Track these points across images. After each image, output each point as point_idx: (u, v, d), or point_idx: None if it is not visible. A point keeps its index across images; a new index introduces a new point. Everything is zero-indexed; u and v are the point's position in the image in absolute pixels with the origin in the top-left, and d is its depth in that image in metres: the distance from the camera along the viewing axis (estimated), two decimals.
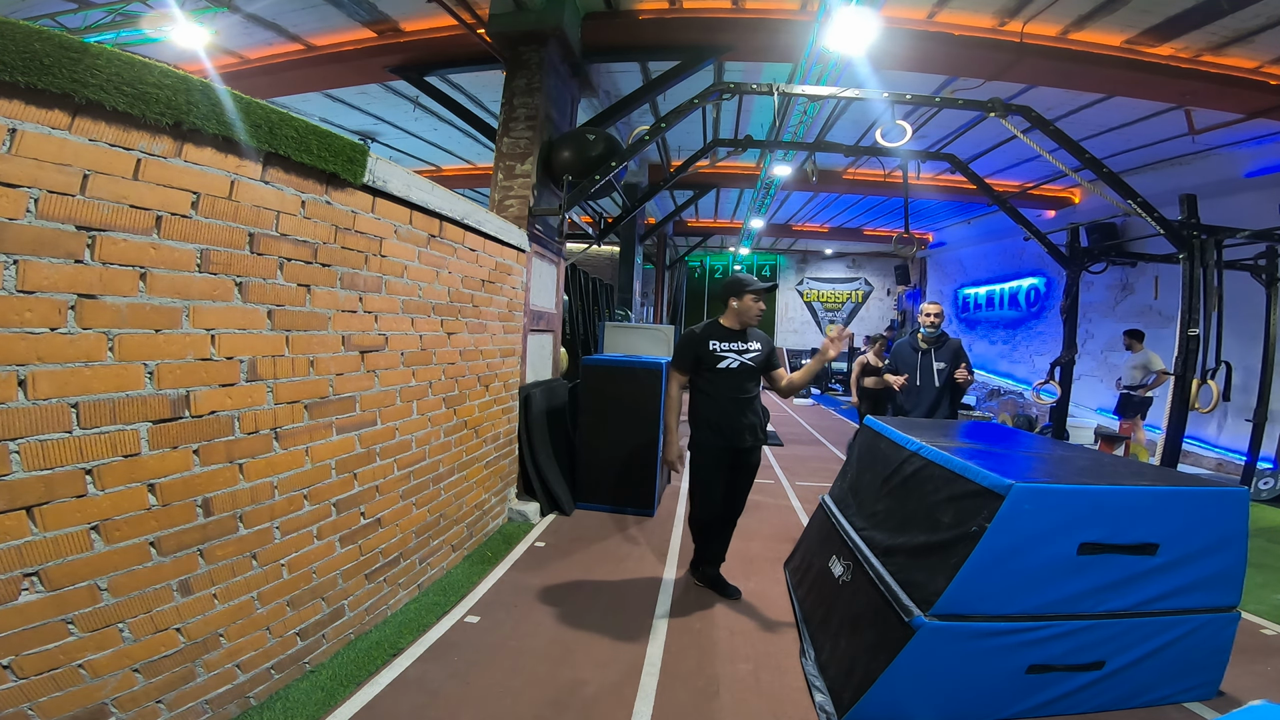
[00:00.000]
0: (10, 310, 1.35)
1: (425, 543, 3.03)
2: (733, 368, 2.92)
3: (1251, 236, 4.82)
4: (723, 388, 2.93)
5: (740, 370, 2.93)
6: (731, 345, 2.93)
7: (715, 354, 2.91)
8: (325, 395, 2.28)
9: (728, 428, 2.93)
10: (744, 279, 2.95)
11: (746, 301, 2.92)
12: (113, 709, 1.59)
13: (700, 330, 2.99)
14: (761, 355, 2.99)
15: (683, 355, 2.96)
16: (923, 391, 4.24)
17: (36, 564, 1.41)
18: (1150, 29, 4.68)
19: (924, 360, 4.26)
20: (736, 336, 2.96)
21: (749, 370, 2.96)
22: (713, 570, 3.19)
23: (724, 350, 2.92)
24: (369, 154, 2.37)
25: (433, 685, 2.24)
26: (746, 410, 2.97)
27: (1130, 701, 2.20)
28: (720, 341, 2.93)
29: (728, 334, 2.97)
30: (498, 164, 4.62)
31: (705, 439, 2.96)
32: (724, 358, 2.91)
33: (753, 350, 2.96)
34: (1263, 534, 4.41)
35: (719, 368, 2.91)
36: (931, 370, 4.22)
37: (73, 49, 1.41)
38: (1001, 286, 12.60)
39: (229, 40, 5.55)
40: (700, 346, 2.93)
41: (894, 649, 2.04)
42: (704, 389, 2.96)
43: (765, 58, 5.38)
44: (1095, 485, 2.09)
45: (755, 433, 3.00)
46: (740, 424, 2.94)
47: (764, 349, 3.01)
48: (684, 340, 3.00)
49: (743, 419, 2.94)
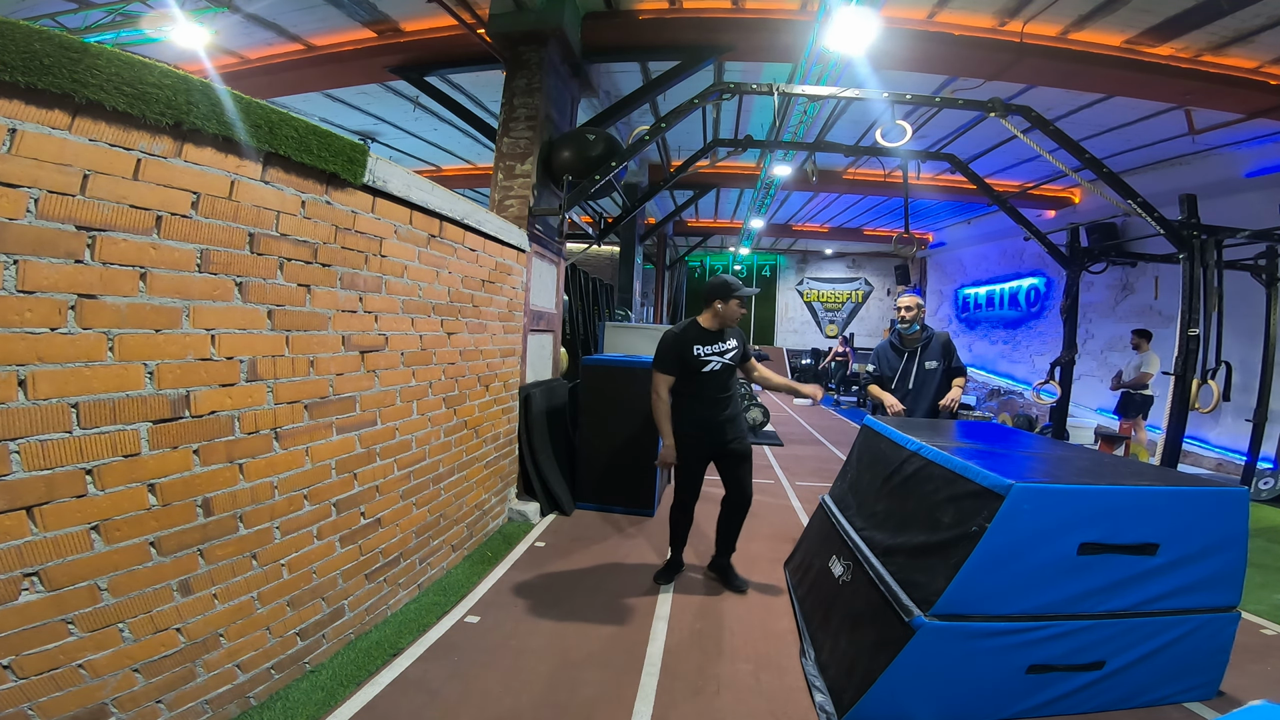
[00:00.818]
0: (10, 310, 1.35)
1: (425, 543, 3.03)
2: (715, 369, 2.98)
3: (1251, 236, 4.82)
4: (706, 389, 2.99)
5: (722, 371, 3.00)
6: (713, 348, 2.99)
7: (700, 358, 2.95)
8: (325, 395, 2.28)
9: (712, 426, 3.02)
10: (731, 282, 2.98)
11: (732, 306, 2.98)
12: (113, 709, 1.59)
13: (681, 332, 2.99)
14: (738, 352, 3.07)
15: (667, 358, 2.97)
16: (919, 397, 3.84)
17: (36, 564, 1.41)
18: (1150, 29, 4.68)
19: (911, 363, 3.87)
20: (715, 338, 3.01)
21: (729, 369, 3.03)
22: (723, 560, 3.25)
23: (707, 354, 2.96)
24: (369, 154, 2.37)
25: (433, 685, 2.24)
26: (728, 407, 3.06)
27: (1130, 702, 2.19)
28: (702, 345, 2.97)
29: (707, 335, 3.00)
30: (498, 164, 4.62)
31: (688, 437, 3.00)
32: (707, 361, 2.96)
33: (730, 349, 3.03)
34: (1263, 534, 4.41)
35: (703, 372, 2.96)
36: (924, 372, 3.84)
37: (73, 49, 1.41)
38: (1001, 286, 12.60)
39: (229, 40, 5.55)
40: (684, 350, 2.95)
41: (894, 649, 2.04)
42: (686, 391, 2.98)
43: (765, 58, 5.38)
44: (1095, 485, 2.09)
45: (737, 425, 3.09)
46: (721, 419, 3.03)
47: (739, 344, 3.09)
48: (667, 342, 2.99)
49: (724, 414, 3.04)
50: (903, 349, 3.96)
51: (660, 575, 3.25)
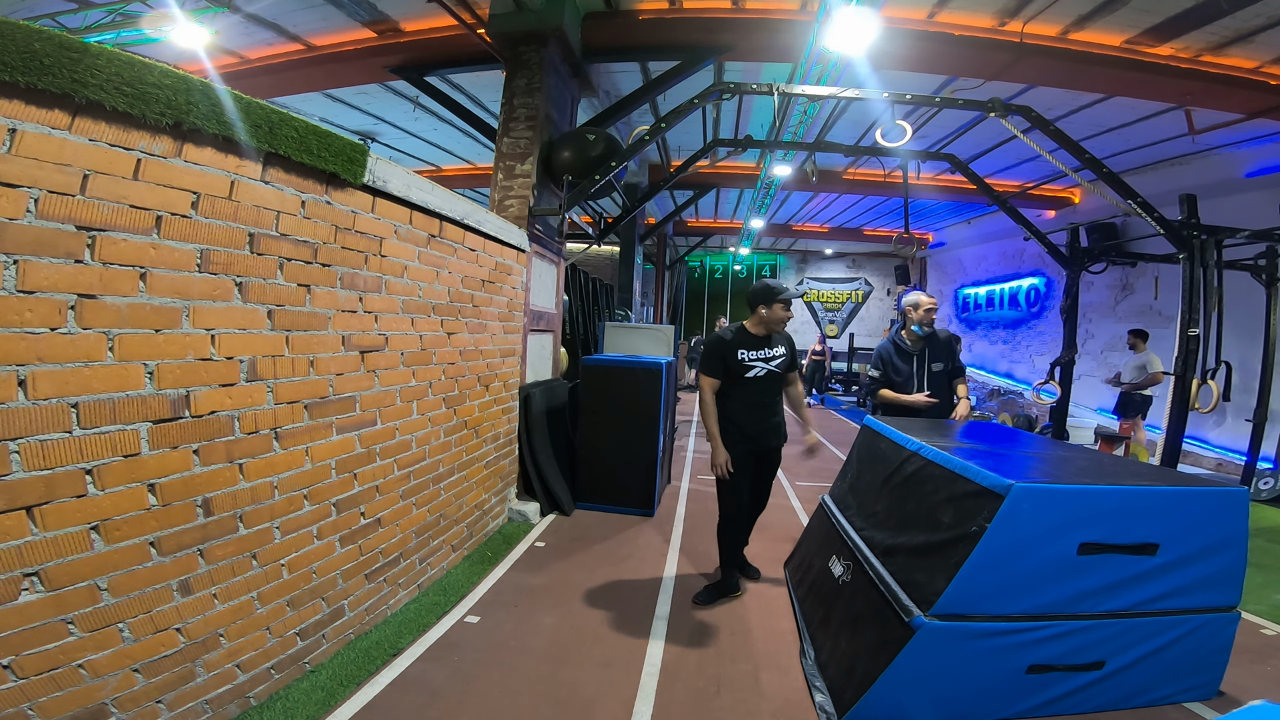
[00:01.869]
0: (10, 310, 1.35)
1: (425, 543, 3.03)
2: (760, 375, 2.94)
3: (1251, 236, 4.82)
4: (750, 394, 2.95)
5: (767, 377, 2.96)
6: (759, 353, 2.95)
7: (744, 363, 2.92)
8: (325, 395, 2.28)
9: (754, 431, 2.97)
10: (775, 286, 2.93)
11: (776, 310, 2.92)
12: (113, 709, 1.59)
13: (729, 337, 2.97)
14: (786, 359, 3.02)
15: (713, 362, 2.95)
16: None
17: (36, 564, 1.42)
18: (1150, 29, 4.68)
19: (921, 365, 3.68)
20: (763, 343, 2.97)
21: (775, 376, 2.99)
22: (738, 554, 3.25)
23: (752, 359, 2.93)
24: (369, 154, 2.37)
25: (433, 685, 2.24)
26: (773, 413, 3.02)
27: (1130, 701, 2.20)
28: (748, 350, 2.94)
29: (754, 341, 2.97)
30: (498, 164, 4.62)
31: (733, 443, 2.94)
32: (752, 366, 2.92)
33: (778, 356, 2.98)
34: (1263, 534, 4.41)
35: (747, 376, 2.92)
36: (933, 375, 3.67)
37: (73, 49, 1.41)
38: (1001, 286, 12.58)
39: (229, 40, 5.55)
40: (729, 355, 2.93)
41: (894, 649, 2.04)
42: (730, 394, 2.97)
43: (765, 58, 5.37)
44: (1095, 485, 2.09)
45: (780, 431, 3.07)
46: (766, 427, 2.99)
47: (788, 352, 3.04)
48: (713, 346, 2.97)
49: (768, 422, 3.00)
50: (910, 351, 3.73)
51: (701, 595, 3.05)
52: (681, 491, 5.12)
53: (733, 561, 3.14)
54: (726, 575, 3.11)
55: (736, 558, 3.20)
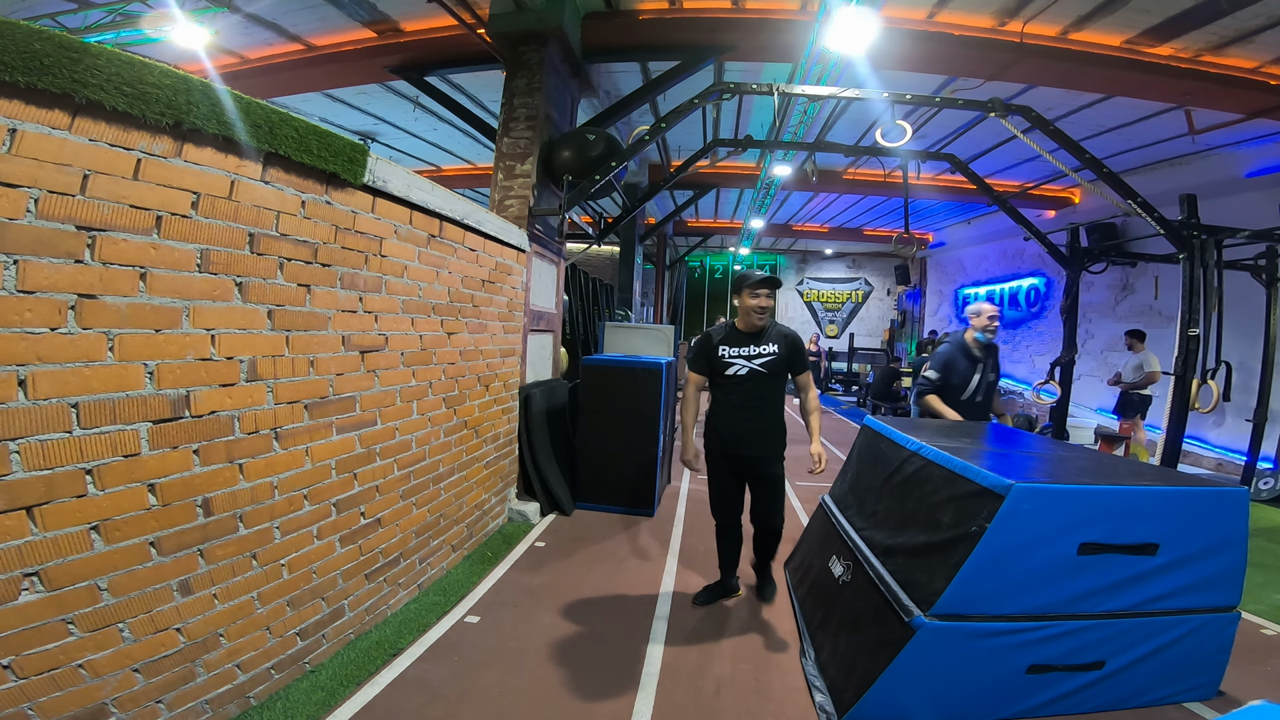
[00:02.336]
0: (10, 310, 1.35)
1: (425, 543, 3.03)
2: (740, 374, 2.75)
3: (1251, 236, 4.82)
4: (730, 394, 2.79)
5: (750, 377, 2.75)
6: (741, 350, 2.76)
7: (723, 360, 2.77)
8: (325, 395, 2.27)
9: (729, 435, 2.80)
10: (744, 274, 2.75)
11: (745, 299, 2.73)
12: (113, 709, 1.59)
13: (713, 333, 2.86)
14: (777, 359, 2.75)
15: (696, 357, 2.86)
16: (982, 411, 3.75)
17: (36, 564, 1.41)
18: (1150, 29, 4.68)
19: (983, 374, 3.70)
20: (748, 340, 2.77)
21: (761, 377, 2.75)
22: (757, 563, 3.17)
23: (731, 356, 2.76)
24: (369, 154, 2.37)
25: (433, 685, 2.24)
26: (755, 418, 2.77)
27: (1130, 702, 2.20)
28: (730, 346, 2.78)
29: (739, 338, 2.79)
30: (498, 164, 4.62)
31: (707, 441, 2.92)
32: (731, 364, 2.76)
33: (765, 354, 2.74)
34: (1263, 534, 4.41)
35: (727, 374, 2.77)
36: (987, 384, 3.72)
37: (73, 49, 1.41)
38: (1001, 286, 12.59)
39: (229, 40, 5.55)
40: (710, 349, 2.81)
41: (894, 649, 2.04)
42: (715, 394, 2.89)
43: (765, 58, 5.38)
44: (1095, 485, 2.09)
45: (764, 440, 2.80)
46: (742, 431, 2.77)
47: (781, 352, 2.76)
48: (698, 341, 2.91)
49: (745, 426, 2.77)
50: (977, 358, 3.69)
51: (700, 595, 3.04)
52: (681, 492, 5.12)
53: (727, 565, 3.08)
54: (725, 577, 3.10)
55: (728, 563, 3.07)
